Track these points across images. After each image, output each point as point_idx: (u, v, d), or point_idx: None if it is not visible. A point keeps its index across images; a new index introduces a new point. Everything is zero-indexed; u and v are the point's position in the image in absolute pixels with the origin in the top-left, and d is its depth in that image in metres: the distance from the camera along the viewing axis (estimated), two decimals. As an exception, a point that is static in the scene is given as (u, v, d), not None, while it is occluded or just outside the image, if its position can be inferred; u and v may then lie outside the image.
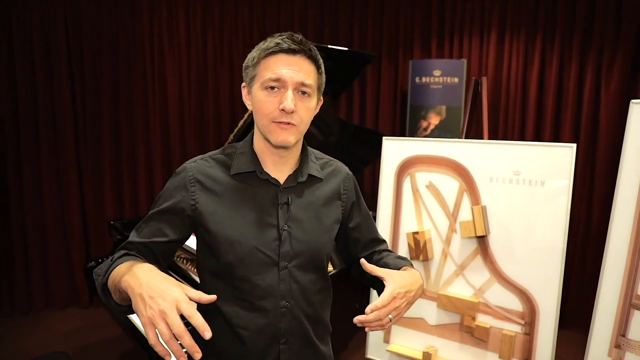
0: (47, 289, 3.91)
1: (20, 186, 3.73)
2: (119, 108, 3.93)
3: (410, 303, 1.10)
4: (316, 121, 3.22)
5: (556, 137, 3.69)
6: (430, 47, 4.15)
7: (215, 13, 4.12)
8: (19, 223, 3.75)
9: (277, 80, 1.06)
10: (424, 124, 3.96)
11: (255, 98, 1.10)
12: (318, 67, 1.13)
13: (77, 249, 3.90)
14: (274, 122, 1.08)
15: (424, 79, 3.93)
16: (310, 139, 3.32)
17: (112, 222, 3.15)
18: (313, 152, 1.28)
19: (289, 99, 1.06)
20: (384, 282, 1.08)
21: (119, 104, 3.93)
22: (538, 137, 3.74)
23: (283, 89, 1.07)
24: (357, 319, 1.03)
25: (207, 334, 0.85)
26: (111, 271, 1.03)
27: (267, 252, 1.13)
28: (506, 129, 3.88)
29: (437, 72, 3.87)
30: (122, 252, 1.11)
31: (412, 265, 1.24)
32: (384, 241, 1.40)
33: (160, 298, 0.86)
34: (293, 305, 1.16)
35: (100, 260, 3.02)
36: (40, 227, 3.82)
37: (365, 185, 4.20)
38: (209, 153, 1.22)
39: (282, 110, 1.06)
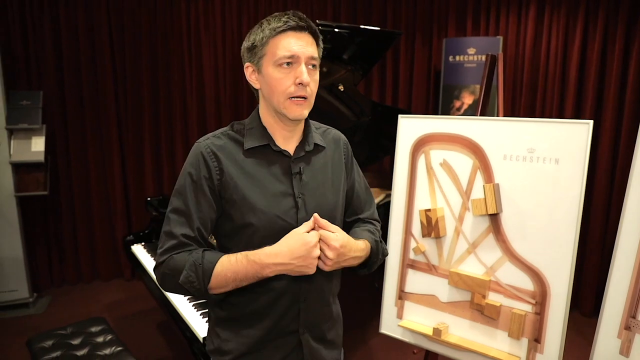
0: (94, 262, 4.18)
1: (68, 167, 3.98)
2: (158, 90, 4.11)
3: (338, 262, 1.19)
4: (348, 102, 3.25)
5: (597, 117, 3.53)
6: (466, 25, 4.04)
7: (250, -4, 4.18)
8: (68, 200, 4.02)
9: (292, 57, 1.14)
10: (458, 103, 3.89)
11: (270, 76, 1.18)
12: (318, 42, 1.22)
13: (120, 224, 4.14)
14: (290, 98, 1.17)
15: (457, 58, 3.84)
16: (344, 120, 3.36)
17: (148, 199, 3.32)
18: (313, 123, 1.36)
19: (305, 73, 1.15)
20: None
21: (158, 86, 4.10)
22: (578, 116, 3.60)
23: (296, 64, 1.16)
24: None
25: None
26: (208, 276, 1.14)
27: (287, 219, 1.21)
28: (544, 107, 3.75)
29: (471, 51, 3.78)
30: (192, 255, 1.18)
31: (374, 243, 1.34)
32: (374, 216, 1.49)
33: (311, 251, 1.13)
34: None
35: (140, 234, 3.20)
36: (87, 204, 4.08)
37: (385, 164, 4.18)
38: (219, 130, 1.29)
39: (300, 84, 1.15)
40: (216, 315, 1.31)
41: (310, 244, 1.12)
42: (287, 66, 1.15)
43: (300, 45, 1.15)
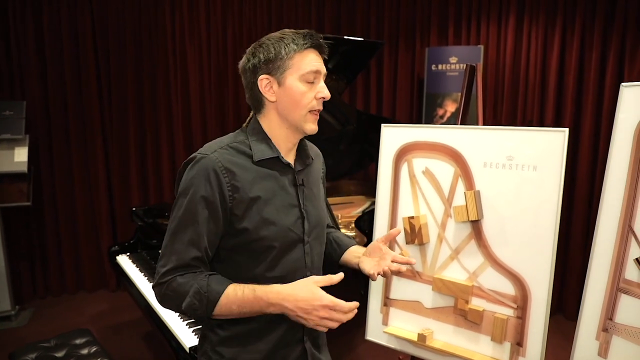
0: (78, 273, 4.14)
1: (52, 177, 3.95)
2: (143, 98, 4.10)
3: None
4: (333, 111, 3.29)
5: (577, 123, 3.61)
6: (448, 34, 4.12)
7: (234, 5, 4.20)
8: (52, 210, 3.98)
9: (317, 72, 1.21)
10: (440, 111, 3.94)
11: (294, 90, 1.19)
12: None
13: (105, 235, 4.11)
14: (311, 111, 1.22)
15: (440, 66, 3.91)
16: (329, 129, 3.39)
17: (134, 209, 3.31)
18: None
19: (326, 88, 1.22)
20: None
21: (143, 94, 4.10)
22: (558, 123, 3.68)
23: (317, 80, 1.22)
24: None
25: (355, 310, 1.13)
26: (213, 306, 1.13)
27: (296, 230, 1.25)
28: (525, 114, 3.82)
29: (453, 59, 3.84)
30: (197, 281, 1.14)
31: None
32: (335, 222, 1.69)
33: (314, 311, 1.10)
34: (315, 275, 1.26)
35: (126, 245, 3.18)
36: (71, 214, 4.04)
37: (370, 171, 4.22)
38: (223, 141, 1.24)
39: (322, 98, 1.22)
40: (217, 336, 1.27)
41: (318, 301, 1.10)
42: (311, 81, 1.20)
43: (320, 63, 1.22)
